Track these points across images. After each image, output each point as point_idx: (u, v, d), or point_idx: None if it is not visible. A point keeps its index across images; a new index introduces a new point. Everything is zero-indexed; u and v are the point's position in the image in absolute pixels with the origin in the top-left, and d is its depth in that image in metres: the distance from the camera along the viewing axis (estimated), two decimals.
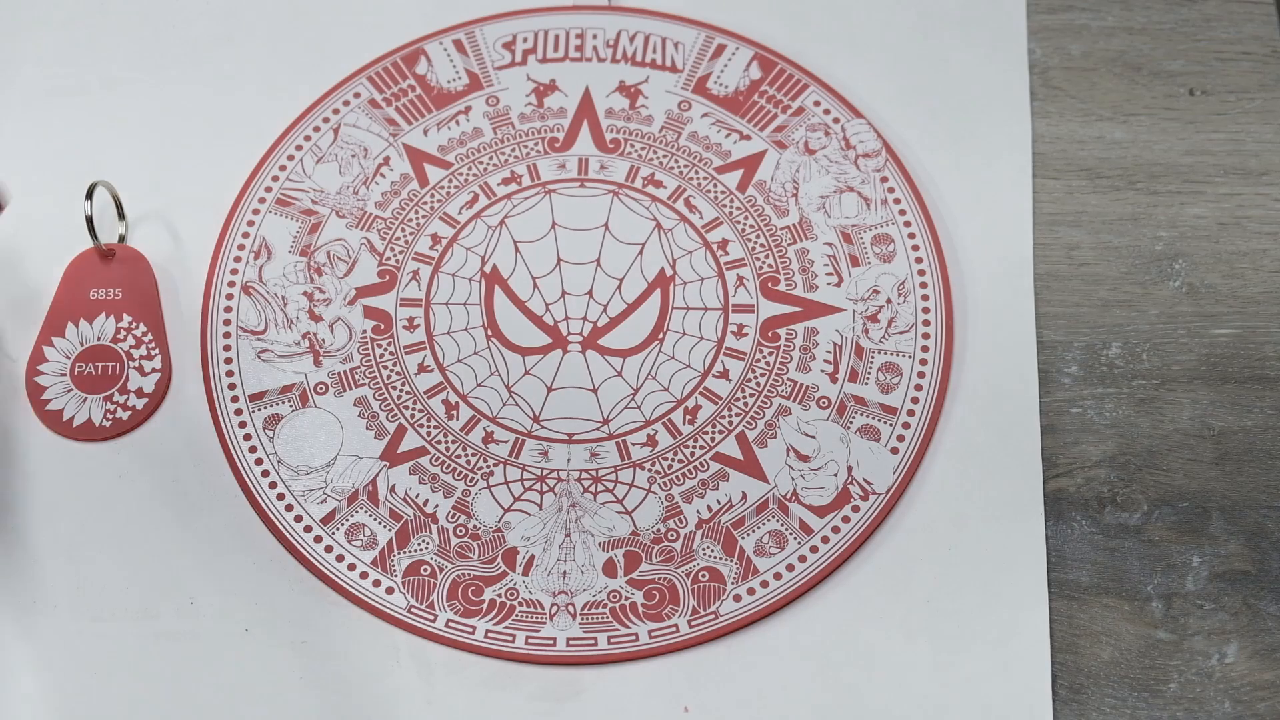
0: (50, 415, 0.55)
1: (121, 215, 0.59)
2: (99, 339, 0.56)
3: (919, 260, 0.59)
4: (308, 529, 0.54)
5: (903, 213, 0.60)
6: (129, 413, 0.55)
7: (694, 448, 0.56)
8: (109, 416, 0.55)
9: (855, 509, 0.54)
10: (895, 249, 0.59)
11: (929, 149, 0.62)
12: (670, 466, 0.55)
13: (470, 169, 0.62)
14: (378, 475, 0.55)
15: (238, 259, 0.60)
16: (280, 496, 0.54)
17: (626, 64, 0.64)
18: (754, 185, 0.61)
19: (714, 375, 0.57)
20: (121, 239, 0.59)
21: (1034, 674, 0.51)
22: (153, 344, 0.56)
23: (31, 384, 0.55)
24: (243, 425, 0.56)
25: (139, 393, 0.55)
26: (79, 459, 0.55)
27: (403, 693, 0.51)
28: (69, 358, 0.55)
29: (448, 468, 0.55)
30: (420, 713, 0.51)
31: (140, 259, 0.58)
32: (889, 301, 0.58)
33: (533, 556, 0.53)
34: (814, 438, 0.56)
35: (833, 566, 0.53)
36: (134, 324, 0.56)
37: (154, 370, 0.56)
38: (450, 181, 0.61)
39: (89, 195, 0.57)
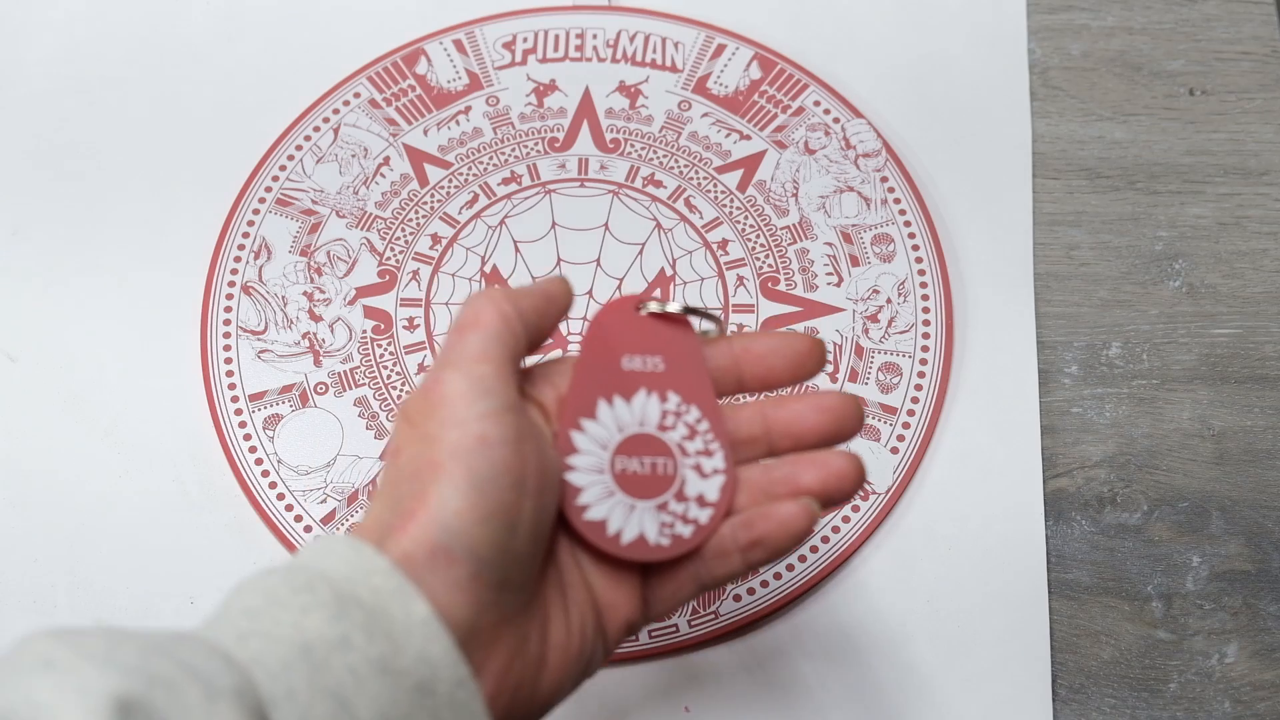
0: (591, 526, 0.38)
1: None
2: (642, 425, 0.40)
3: (919, 260, 0.59)
4: (308, 529, 0.54)
5: (903, 213, 0.60)
6: (691, 526, 0.39)
7: None
8: (665, 531, 0.39)
9: (855, 509, 0.54)
10: (895, 249, 0.59)
11: (929, 149, 0.62)
12: None
13: (470, 169, 0.62)
14: (378, 475, 0.55)
15: (238, 259, 0.60)
16: (280, 496, 0.54)
17: (626, 64, 0.64)
18: (754, 185, 0.61)
19: None
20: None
21: (1034, 674, 0.51)
22: (711, 435, 0.40)
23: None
24: (243, 425, 0.56)
25: (700, 501, 0.39)
26: None
27: None
28: (605, 447, 0.39)
29: None
30: None
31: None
32: (889, 301, 0.58)
33: None
34: None
35: (833, 566, 0.53)
36: (683, 406, 0.40)
37: (714, 472, 0.40)
38: (450, 181, 0.61)
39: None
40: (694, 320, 0.41)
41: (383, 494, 0.36)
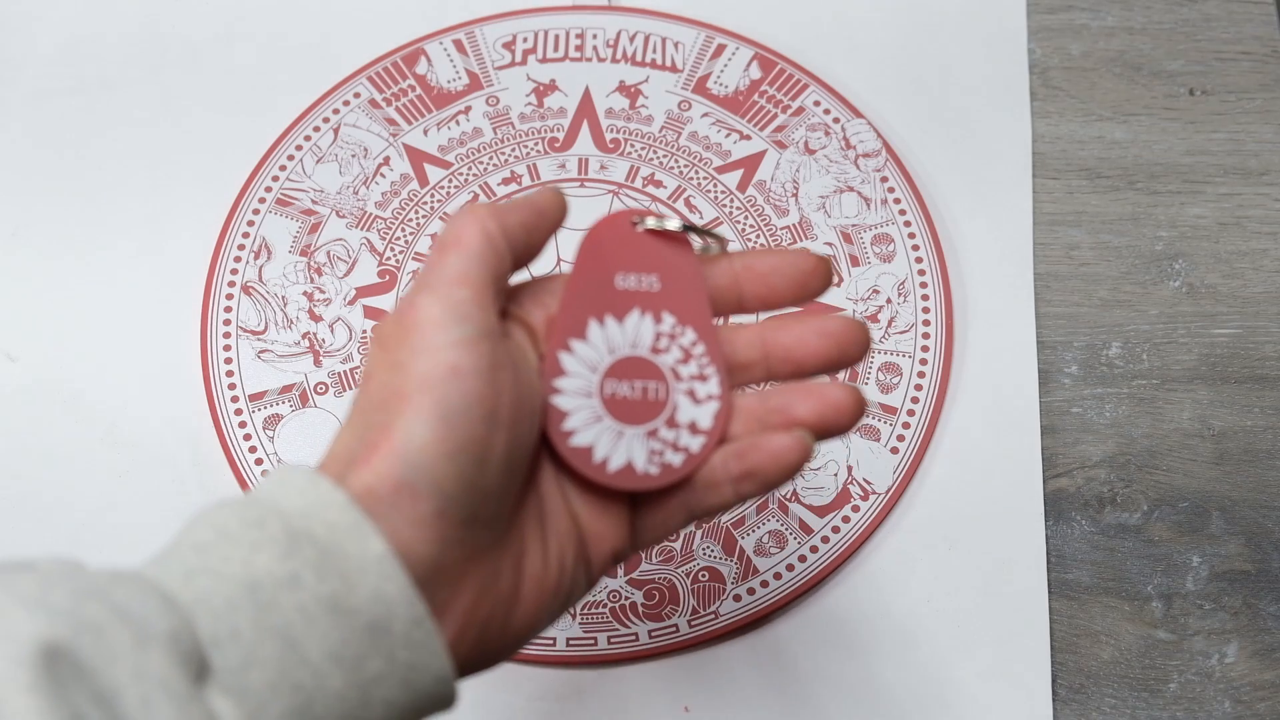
0: (577, 453, 0.36)
1: None
2: (634, 347, 0.38)
3: (919, 260, 0.59)
4: None
5: (903, 213, 0.60)
6: (681, 455, 0.37)
7: None
8: (655, 459, 0.37)
9: (855, 509, 0.54)
10: (895, 249, 0.59)
11: (929, 149, 0.62)
12: None
13: (470, 169, 0.62)
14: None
15: (238, 259, 0.60)
16: None
17: (626, 64, 0.64)
18: (754, 185, 0.61)
19: None
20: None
21: (1034, 674, 0.51)
22: (706, 359, 0.38)
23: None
24: (243, 425, 0.56)
25: (692, 428, 0.37)
26: None
27: None
28: (594, 370, 0.37)
29: None
30: None
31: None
32: (889, 301, 0.58)
33: None
34: None
35: (833, 566, 0.53)
36: (678, 328, 0.38)
37: (708, 398, 0.38)
38: (450, 181, 0.61)
39: None
40: (694, 239, 0.39)
41: (352, 422, 0.34)
